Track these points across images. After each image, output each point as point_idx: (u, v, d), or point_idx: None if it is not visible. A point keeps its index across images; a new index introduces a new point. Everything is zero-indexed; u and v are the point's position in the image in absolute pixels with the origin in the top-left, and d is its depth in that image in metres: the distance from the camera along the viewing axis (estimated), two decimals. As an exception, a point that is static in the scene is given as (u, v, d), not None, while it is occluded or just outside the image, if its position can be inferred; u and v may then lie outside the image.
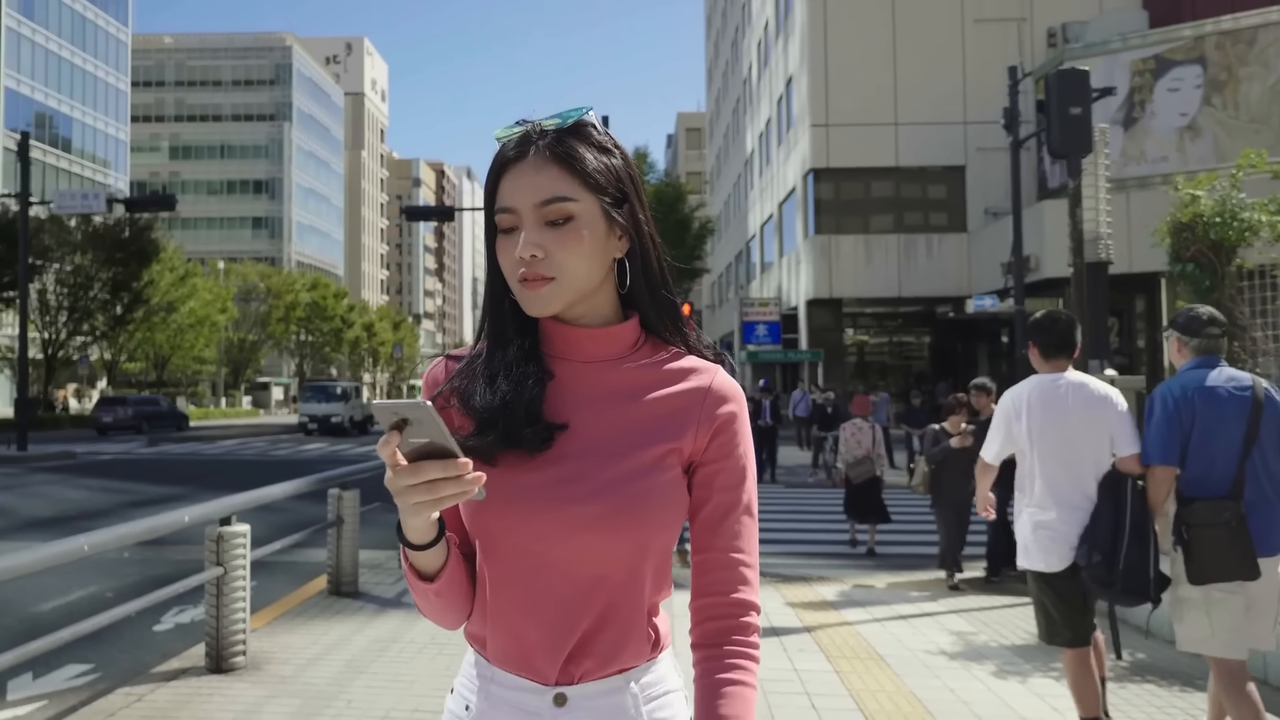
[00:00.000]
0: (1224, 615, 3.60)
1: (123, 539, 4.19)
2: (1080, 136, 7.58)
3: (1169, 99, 24.42)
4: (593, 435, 1.25)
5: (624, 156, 1.30)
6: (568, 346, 1.30)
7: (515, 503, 1.21)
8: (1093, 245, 7.76)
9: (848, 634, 6.12)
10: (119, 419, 37.10)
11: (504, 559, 1.24)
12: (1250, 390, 3.68)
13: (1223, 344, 3.85)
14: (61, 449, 25.42)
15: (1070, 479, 3.91)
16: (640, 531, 1.22)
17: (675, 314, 1.34)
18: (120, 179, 72.29)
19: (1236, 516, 3.56)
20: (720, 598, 1.27)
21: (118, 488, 16.58)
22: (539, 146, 1.23)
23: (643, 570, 1.25)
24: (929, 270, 30.65)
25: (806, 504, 14.41)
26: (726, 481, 1.29)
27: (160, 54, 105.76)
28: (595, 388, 1.28)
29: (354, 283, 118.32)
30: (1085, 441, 3.92)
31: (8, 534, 11.28)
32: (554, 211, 1.21)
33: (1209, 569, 3.59)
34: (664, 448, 1.25)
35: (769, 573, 8.54)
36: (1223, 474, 3.63)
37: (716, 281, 58.53)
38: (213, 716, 4.34)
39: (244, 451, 27.16)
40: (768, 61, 40.36)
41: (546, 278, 1.21)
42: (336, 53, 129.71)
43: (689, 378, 1.30)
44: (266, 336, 74.30)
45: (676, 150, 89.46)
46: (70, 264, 41.73)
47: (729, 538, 1.28)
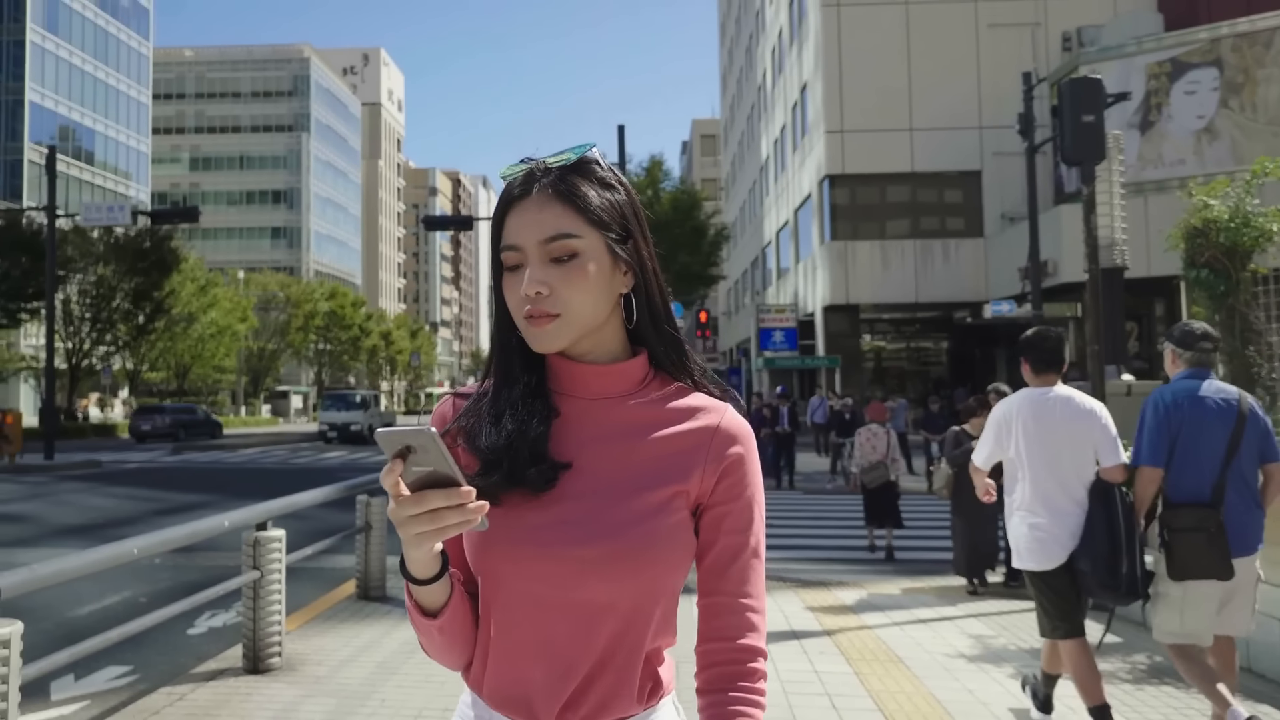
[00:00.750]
0: (1195, 612, 3.97)
1: (168, 543, 4.34)
2: (1094, 144, 7.66)
3: (1186, 102, 24.40)
4: (599, 475, 1.24)
5: (627, 192, 1.30)
6: (574, 383, 1.29)
7: (519, 543, 1.20)
8: (1108, 251, 7.84)
9: (867, 637, 6.21)
10: (157, 427, 38.48)
11: (507, 600, 1.22)
12: (1236, 403, 3.99)
13: (1214, 358, 4.18)
14: (87, 458, 25.70)
15: (1057, 485, 4.18)
16: (645, 575, 1.20)
17: (680, 348, 1.33)
18: (142, 190, 73.08)
19: (1216, 523, 3.88)
20: (727, 643, 1.27)
21: (144, 496, 16.81)
22: (543, 184, 1.24)
23: (648, 614, 1.23)
24: (946, 275, 30.66)
25: (825, 510, 14.47)
26: (735, 524, 1.28)
27: (181, 67, 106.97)
28: (602, 425, 1.27)
29: (371, 291, 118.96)
30: (1071, 451, 4.19)
31: (40, 541, 11.48)
32: (558, 248, 1.21)
33: (1189, 569, 3.93)
34: (671, 489, 1.24)
35: (788, 577, 8.65)
36: (1206, 480, 3.94)
37: (733, 288, 58.60)
38: (252, 715, 4.49)
39: (265, 460, 27.40)
40: (782, 68, 40.47)
41: (551, 314, 1.21)
42: (353, 63, 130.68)
43: (697, 416, 1.29)
44: (286, 345, 74.84)
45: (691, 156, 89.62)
46: (93, 275, 42.18)
47: (737, 582, 1.27)
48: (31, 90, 60.55)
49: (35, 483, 19.54)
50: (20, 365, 49.02)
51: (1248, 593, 4.06)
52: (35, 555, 10.28)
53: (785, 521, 13.25)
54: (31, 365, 49.20)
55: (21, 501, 15.86)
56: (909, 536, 10.61)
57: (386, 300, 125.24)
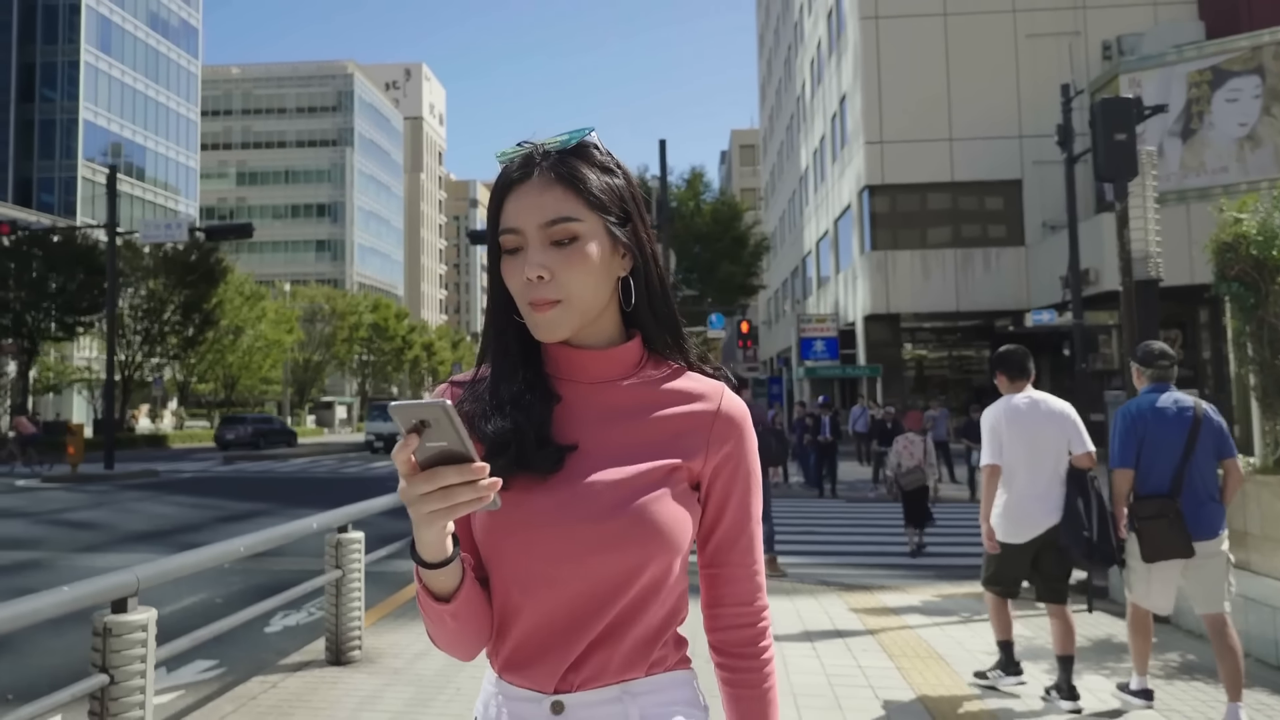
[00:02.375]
0: (1161, 585, 4.77)
1: (269, 541, 4.76)
2: (1126, 161, 7.91)
3: (1227, 110, 24.35)
4: (602, 455, 1.26)
5: (626, 176, 1.31)
6: (572, 368, 1.32)
7: (527, 524, 1.22)
8: (1141, 264, 8.07)
9: (909, 636, 6.51)
10: (240, 436, 40.85)
11: (516, 578, 1.24)
12: (1192, 410, 4.75)
13: (1172, 372, 4.94)
14: (144, 467, 26.47)
15: (1034, 474, 4.99)
16: (651, 547, 1.22)
17: (677, 331, 1.36)
18: (191, 205, 74.44)
19: (1174, 511, 4.62)
20: (741, 606, 1.34)
21: (205, 504, 17.40)
22: (542, 167, 1.25)
23: (659, 585, 1.26)
24: (987, 284, 30.70)
25: (867, 518, 14.69)
26: (739, 501, 1.32)
27: (228, 84, 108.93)
28: (602, 408, 1.30)
29: (413, 303, 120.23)
30: (1047, 445, 5.00)
31: (113, 547, 12.03)
32: (559, 231, 1.23)
33: (1156, 551, 4.67)
34: (672, 466, 1.27)
35: (832, 581, 8.95)
36: (1167, 475, 4.69)
37: (772, 297, 58.73)
38: (340, 701, 4.90)
39: (316, 470, 28.03)
40: (821, 79, 40.67)
41: (554, 300, 1.23)
42: (396, 79, 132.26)
43: (696, 399, 1.32)
44: (331, 357, 75.89)
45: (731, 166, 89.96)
46: (144, 288, 43.15)
47: (744, 552, 1.33)
48: (85, 109, 61.88)
49: (98, 491, 20.24)
50: (75, 377, 50.20)
51: (1216, 574, 4.67)
52: (111, 560, 10.82)
53: (829, 528, 13.51)
54: (85, 377, 50.35)
55: (88, 509, 16.49)
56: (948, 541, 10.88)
57: (428, 311, 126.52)
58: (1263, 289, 6.82)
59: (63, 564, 10.66)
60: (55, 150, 61.46)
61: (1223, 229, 7.14)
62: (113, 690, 3.34)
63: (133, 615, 3.45)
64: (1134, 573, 4.85)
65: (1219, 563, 4.69)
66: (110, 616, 3.41)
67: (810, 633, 6.63)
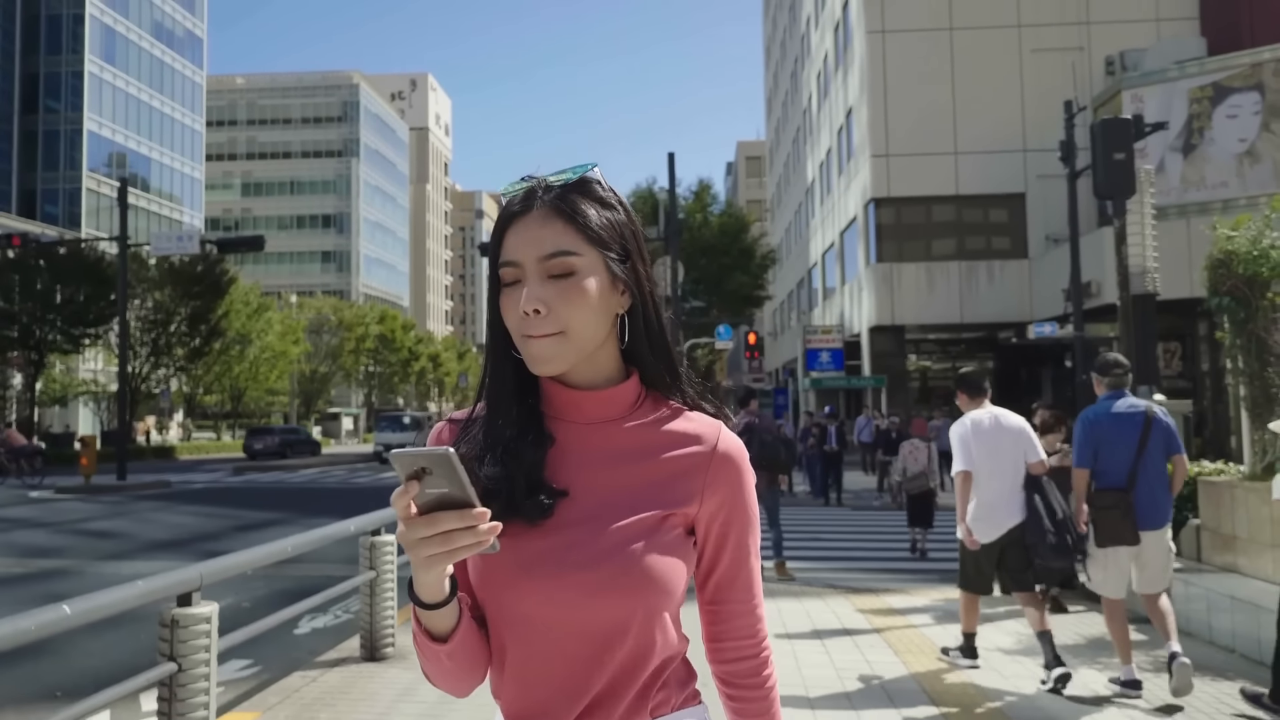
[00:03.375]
0: (1114, 570, 5.37)
1: (313, 542, 5.07)
2: (1124, 179, 8.20)
3: (1227, 125, 24.63)
4: (596, 500, 1.25)
5: (627, 213, 1.31)
6: (567, 408, 1.30)
7: (521, 570, 1.21)
8: (1139, 278, 8.36)
9: (913, 634, 6.80)
10: (267, 445, 42.44)
11: (513, 626, 1.24)
12: (1144, 413, 5.39)
13: (1127, 379, 5.60)
14: (156, 478, 26.78)
15: (996, 482, 5.66)
16: (647, 595, 1.22)
17: (675, 370, 1.35)
18: (196, 216, 74.56)
19: (1127, 503, 5.26)
20: (746, 640, 1.34)
21: (220, 514, 17.72)
22: (543, 201, 1.25)
23: (654, 631, 1.25)
24: (991, 296, 30.96)
25: (872, 526, 14.95)
26: (737, 540, 1.32)
27: (232, 94, 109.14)
28: (598, 450, 1.29)
29: (419, 314, 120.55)
30: (1006, 456, 5.67)
31: (135, 555, 12.34)
32: (557, 265, 1.22)
33: (1109, 537, 5.31)
34: (668, 510, 1.26)
35: (839, 585, 9.23)
36: (1122, 471, 5.30)
37: (778, 309, 59.02)
38: (378, 694, 5.19)
39: (326, 480, 28.32)
40: (827, 93, 41.03)
41: (551, 334, 1.21)
42: (401, 89, 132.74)
43: (693, 439, 1.31)
44: (337, 368, 76.21)
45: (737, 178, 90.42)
46: (151, 300, 43.40)
47: (744, 589, 1.34)
48: (90, 119, 61.93)
49: (112, 502, 20.53)
50: (80, 389, 50.52)
51: (1160, 558, 5.38)
52: (137, 567, 11.12)
53: (835, 536, 13.79)
54: (91, 389, 50.64)
55: (106, 519, 16.81)
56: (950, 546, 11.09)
57: (434, 322, 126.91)
58: (1252, 304, 7.10)
59: (90, 571, 10.96)
60: (59, 161, 61.61)
61: (1216, 246, 7.43)
62: (180, 678, 3.63)
63: (197, 609, 3.74)
64: (1093, 560, 5.46)
65: (1163, 550, 5.38)
66: (177, 609, 3.70)
67: (819, 631, 6.91)
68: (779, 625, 7.08)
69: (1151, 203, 8.88)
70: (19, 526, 15.72)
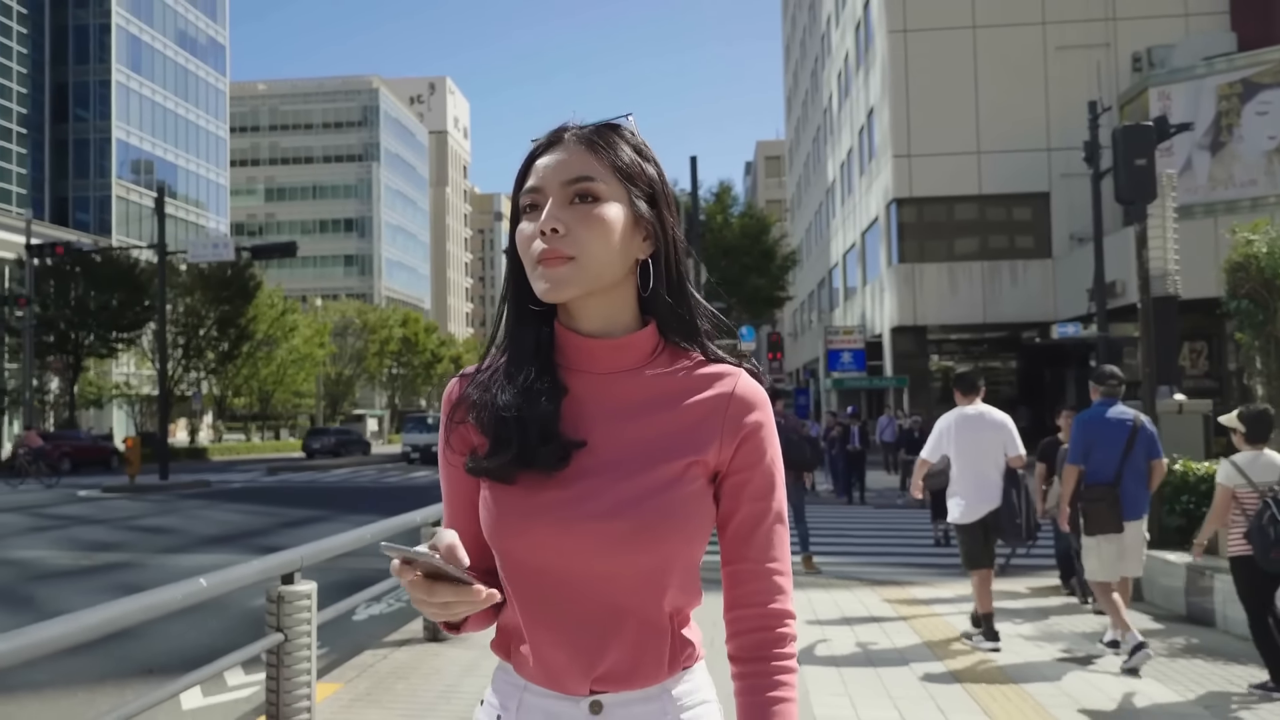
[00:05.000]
0: (1105, 556, 6.06)
1: (389, 530, 5.50)
2: (1145, 185, 8.50)
3: (1257, 122, 24.54)
4: (612, 450, 1.22)
5: (657, 166, 1.29)
6: (582, 358, 1.27)
7: (534, 522, 1.19)
8: (1160, 281, 8.67)
9: (937, 622, 7.19)
10: (324, 445, 45.88)
11: (525, 579, 1.22)
12: (1132, 420, 6.12)
13: (1120, 389, 6.31)
14: (196, 478, 27.41)
15: (977, 472, 6.43)
16: (664, 547, 1.19)
17: (695, 319, 1.31)
18: (221, 222, 75.21)
19: (1114, 496, 5.97)
20: (758, 609, 1.26)
21: (263, 511, 18.29)
22: (573, 136, 1.25)
23: (669, 585, 1.22)
24: (1014, 296, 31.02)
25: (895, 523, 15.25)
26: (756, 491, 1.26)
27: (255, 100, 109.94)
28: (614, 400, 1.26)
29: (440, 316, 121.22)
30: (987, 449, 6.44)
31: (192, 549, 12.86)
32: (581, 188, 1.20)
33: (1097, 526, 6.01)
34: (687, 460, 1.22)
35: (865, 578, 9.58)
36: (1110, 469, 6.02)
37: (799, 309, 59.19)
38: (445, 669, 5.63)
39: (359, 479, 28.85)
40: (848, 92, 41.16)
41: (566, 256, 1.18)
42: (420, 93, 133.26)
43: (711, 385, 1.27)
44: (362, 371, 76.95)
45: (756, 178, 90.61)
46: (182, 304, 44.15)
47: (762, 548, 1.26)
48: (118, 128, 62.43)
49: (158, 500, 21.12)
50: (115, 393, 51.37)
51: (1138, 546, 6.15)
52: (197, 560, 11.61)
53: (859, 532, 14.14)
54: (125, 392, 51.49)
55: (156, 517, 17.37)
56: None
57: (455, 324, 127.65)
58: (1271, 306, 7.41)
59: (153, 564, 11.48)
60: (89, 169, 62.24)
61: (1235, 250, 7.74)
62: (286, 646, 4.04)
63: (299, 586, 4.16)
64: (1086, 549, 6.16)
65: (1139, 539, 6.16)
66: (282, 587, 4.11)
67: (849, 619, 7.29)
68: (809, 613, 7.45)
69: (1173, 205, 9.19)
70: (76, 523, 16.30)
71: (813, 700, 5.09)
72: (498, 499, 1.21)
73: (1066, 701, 5.09)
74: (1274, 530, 4.99)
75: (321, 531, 13.91)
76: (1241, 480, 5.28)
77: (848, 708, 4.99)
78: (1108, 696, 5.19)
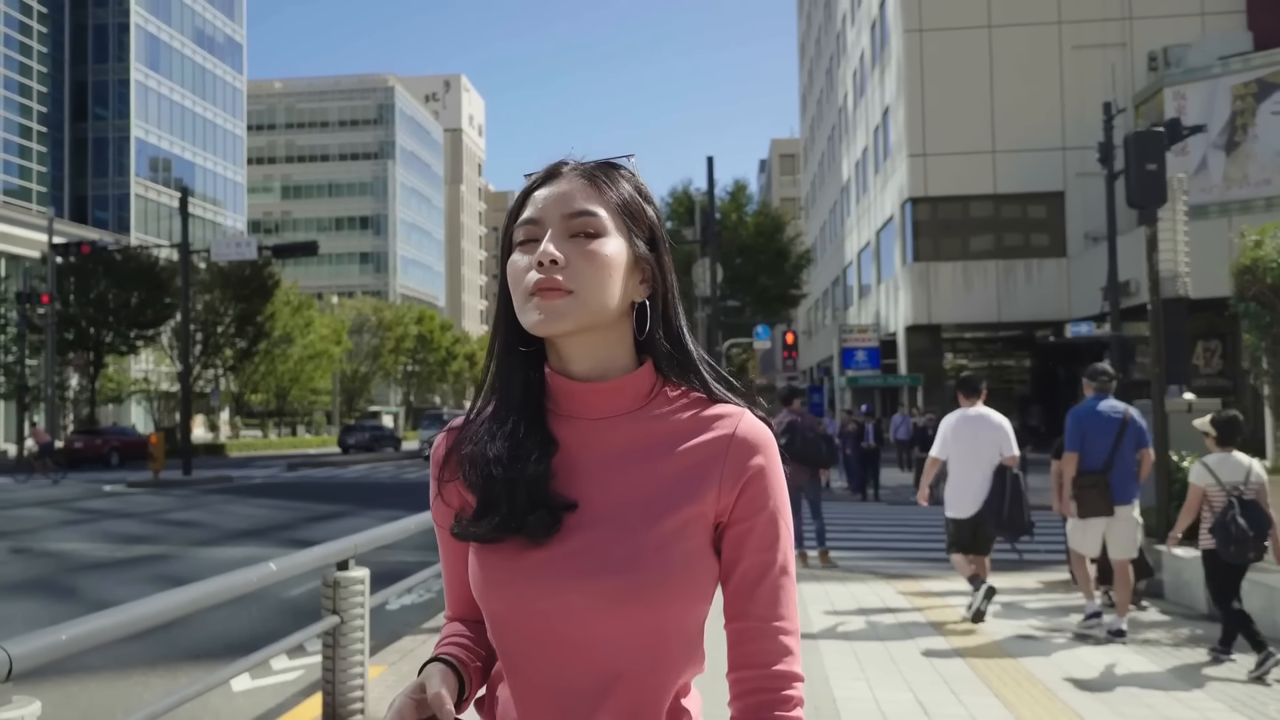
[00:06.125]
0: (1091, 535, 6.72)
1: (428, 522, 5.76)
2: (1156, 190, 8.72)
3: (1272, 122, 24.60)
4: (607, 503, 1.15)
5: (656, 209, 1.25)
6: (574, 404, 1.21)
7: (524, 583, 1.13)
8: (1169, 283, 8.88)
9: (950, 613, 7.47)
10: (359, 440, 47.86)
11: (513, 642, 1.14)
12: (1122, 413, 6.70)
13: (1112, 385, 6.91)
14: (218, 474, 27.82)
15: (971, 469, 7.08)
16: (662, 609, 1.12)
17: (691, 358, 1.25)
18: (239, 220, 75.68)
19: (1104, 483, 6.54)
20: (761, 670, 1.17)
21: (288, 505, 18.69)
22: (573, 171, 1.20)
23: (668, 651, 1.15)
24: (1028, 295, 31.15)
25: (909, 520, 15.47)
26: (759, 542, 1.18)
27: (271, 99, 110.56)
28: (608, 448, 1.19)
29: (454, 313, 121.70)
30: (982, 448, 7.09)
31: (222, 542, 13.23)
32: (583, 224, 1.16)
33: (1089, 510, 6.59)
34: (686, 512, 1.15)
35: (880, 572, 9.85)
36: (1101, 458, 6.59)
37: (813, 307, 59.33)
38: (483, 655, 5.89)
39: (377, 475, 29.21)
40: (864, 91, 41.28)
41: (565, 289, 1.13)
42: (435, 90, 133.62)
43: (710, 426, 1.20)
44: (378, 368, 77.46)
45: (770, 176, 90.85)
46: (201, 302, 44.59)
47: (766, 604, 1.18)
48: (136, 126, 62.99)
49: (183, 495, 21.51)
50: (135, 389, 51.90)
51: (1128, 529, 6.69)
52: (230, 552, 11.96)
53: (874, 528, 14.41)
54: (144, 388, 52.02)
55: (184, 511, 17.74)
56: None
57: (469, 322, 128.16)
58: (1278, 308, 7.62)
59: (189, 556, 11.85)
60: (108, 167, 62.86)
61: (1243, 254, 7.95)
62: (342, 628, 4.33)
63: (353, 572, 4.45)
64: (1075, 527, 6.78)
65: (1131, 523, 6.69)
66: (338, 573, 4.40)
67: (865, 609, 7.58)
68: (826, 604, 7.73)
69: (1184, 209, 9.39)
70: (106, 517, 16.68)
71: (832, 684, 5.37)
72: (484, 560, 1.16)
73: (1070, 684, 5.38)
74: (1235, 527, 5.60)
75: (347, 526, 14.23)
76: (1211, 480, 5.85)
77: (865, 690, 5.28)
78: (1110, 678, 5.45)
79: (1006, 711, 4.87)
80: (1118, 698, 5.15)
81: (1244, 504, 5.69)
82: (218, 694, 5.44)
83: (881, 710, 4.91)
